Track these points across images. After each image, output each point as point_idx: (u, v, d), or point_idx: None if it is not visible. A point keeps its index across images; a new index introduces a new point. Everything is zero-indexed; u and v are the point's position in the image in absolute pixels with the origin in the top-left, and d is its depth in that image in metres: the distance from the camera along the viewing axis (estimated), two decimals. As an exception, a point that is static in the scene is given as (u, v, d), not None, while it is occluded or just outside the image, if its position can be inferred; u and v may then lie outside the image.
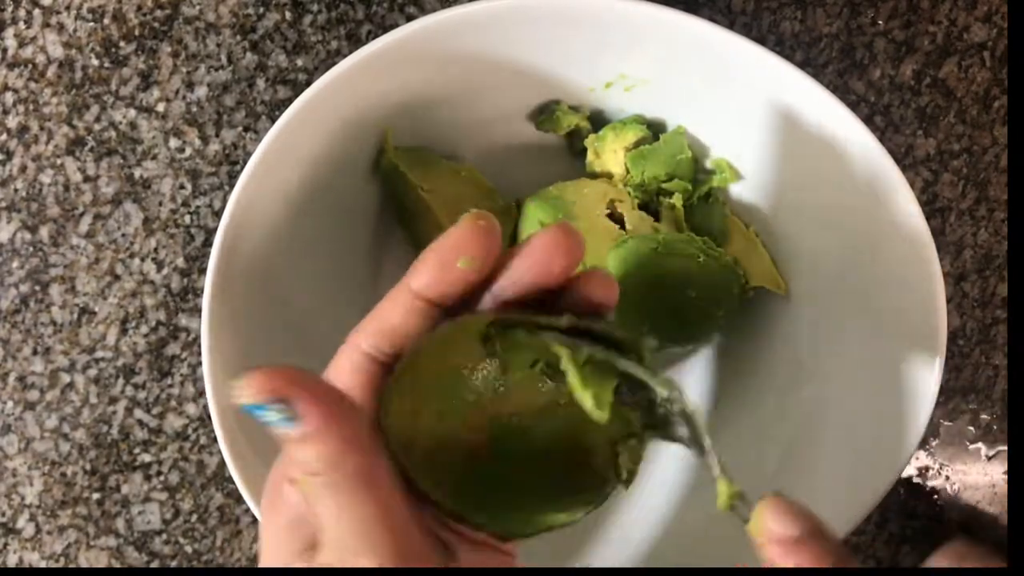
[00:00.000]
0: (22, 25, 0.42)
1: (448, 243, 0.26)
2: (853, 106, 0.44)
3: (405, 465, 0.26)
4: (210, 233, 0.44)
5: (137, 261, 0.44)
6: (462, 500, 0.26)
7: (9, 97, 0.43)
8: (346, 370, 0.26)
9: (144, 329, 0.44)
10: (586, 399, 0.26)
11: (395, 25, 0.42)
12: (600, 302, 0.27)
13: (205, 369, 0.34)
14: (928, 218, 0.34)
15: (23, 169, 0.43)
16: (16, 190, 0.43)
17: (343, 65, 0.33)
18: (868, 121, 0.45)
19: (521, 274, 0.26)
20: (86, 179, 0.43)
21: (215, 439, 0.37)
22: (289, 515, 0.25)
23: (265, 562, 0.26)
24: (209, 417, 0.42)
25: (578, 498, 0.28)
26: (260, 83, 0.43)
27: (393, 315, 0.26)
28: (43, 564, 0.45)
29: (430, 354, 0.26)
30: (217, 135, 0.43)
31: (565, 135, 0.43)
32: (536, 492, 0.28)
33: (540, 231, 0.26)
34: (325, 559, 0.24)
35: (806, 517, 0.24)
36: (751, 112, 0.37)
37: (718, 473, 0.26)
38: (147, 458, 0.44)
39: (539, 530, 0.27)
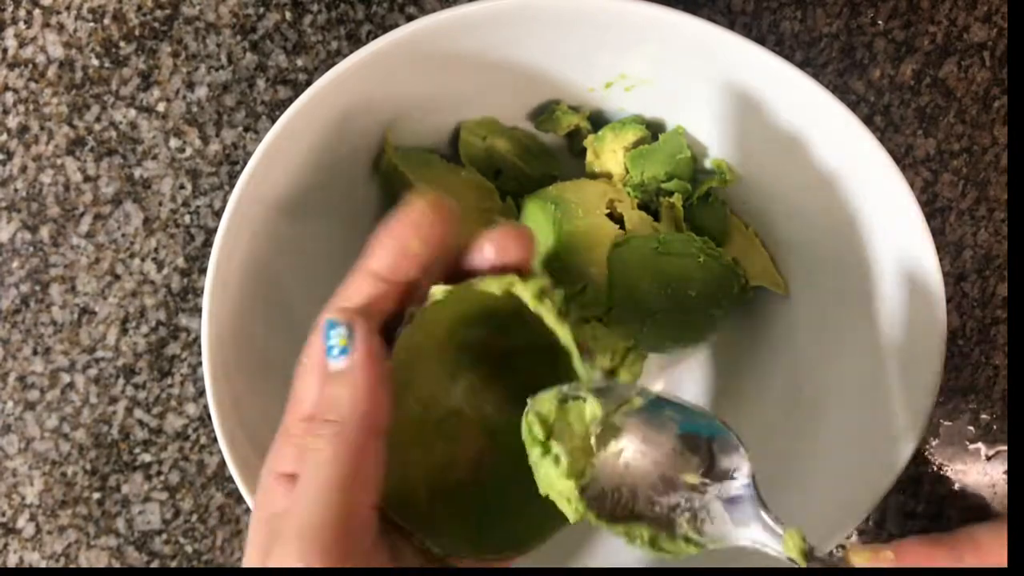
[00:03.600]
0: (22, 25, 0.42)
1: (405, 223, 0.27)
2: (853, 106, 0.44)
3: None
4: (210, 233, 0.44)
5: (137, 261, 0.44)
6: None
7: (9, 97, 0.43)
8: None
9: (144, 329, 0.44)
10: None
11: (395, 25, 0.42)
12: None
13: (205, 369, 0.34)
14: (928, 218, 0.34)
15: (23, 169, 0.43)
16: (16, 190, 0.43)
17: (343, 65, 0.33)
18: (868, 121, 0.45)
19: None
20: (86, 179, 0.43)
21: (215, 439, 0.37)
22: (269, 509, 0.26)
23: (245, 554, 0.27)
24: (209, 417, 0.42)
25: None
26: (260, 83, 0.43)
27: (356, 296, 0.28)
28: (43, 564, 0.45)
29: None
30: (217, 135, 0.43)
31: (565, 135, 0.43)
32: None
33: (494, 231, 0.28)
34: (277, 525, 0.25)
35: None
36: (751, 112, 0.37)
37: (781, 532, 0.26)
38: (147, 458, 0.44)
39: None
